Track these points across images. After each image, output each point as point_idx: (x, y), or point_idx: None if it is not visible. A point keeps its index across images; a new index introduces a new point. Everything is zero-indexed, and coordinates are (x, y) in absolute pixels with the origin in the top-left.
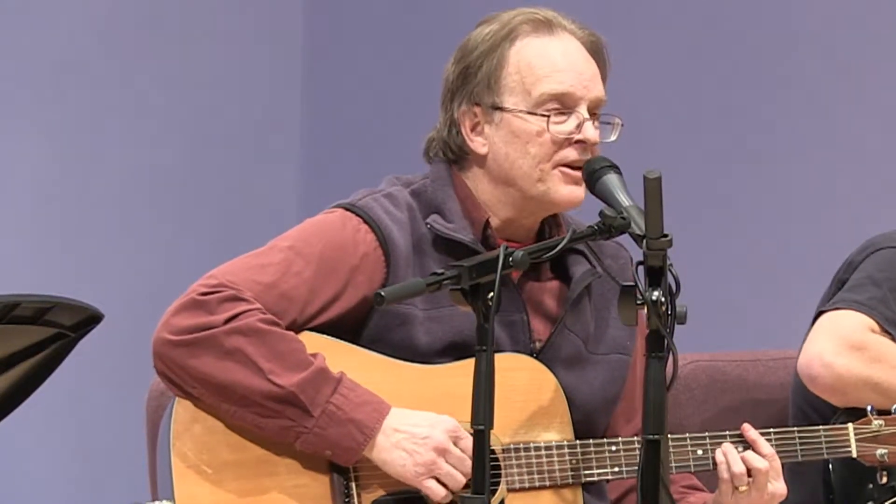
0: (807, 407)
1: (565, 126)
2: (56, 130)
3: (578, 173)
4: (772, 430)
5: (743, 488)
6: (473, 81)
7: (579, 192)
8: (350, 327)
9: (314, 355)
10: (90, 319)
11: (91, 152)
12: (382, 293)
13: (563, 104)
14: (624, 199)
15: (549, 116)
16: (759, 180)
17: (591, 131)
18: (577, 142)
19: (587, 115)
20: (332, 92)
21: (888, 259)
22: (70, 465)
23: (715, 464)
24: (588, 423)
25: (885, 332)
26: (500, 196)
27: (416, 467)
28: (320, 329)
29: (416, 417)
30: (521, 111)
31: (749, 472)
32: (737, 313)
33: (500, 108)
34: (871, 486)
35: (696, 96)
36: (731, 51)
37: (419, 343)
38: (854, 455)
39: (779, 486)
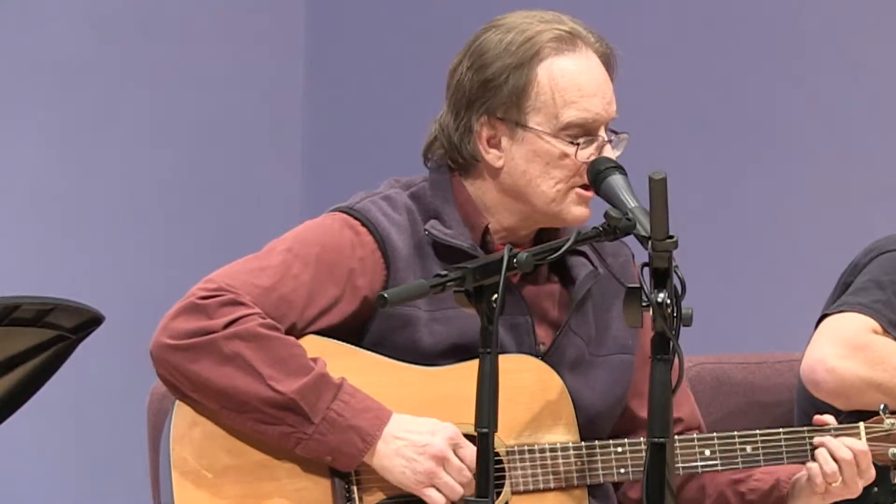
0: (811, 410)
1: (587, 151)
2: (56, 131)
3: (590, 194)
4: (781, 430)
5: (836, 485)
6: (498, 95)
7: (588, 211)
8: (352, 330)
9: (315, 360)
10: (91, 321)
11: (92, 153)
12: (385, 295)
13: (587, 130)
14: (629, 200)
15: (577, 145)
16: (765, 181)
17: (609, 154)
18: None
19: (607, 139)
20: (334, 93)
21: (893, 262)
22: (71, 468)
23: (723, 464)
24: (593, 427)
25: (888, 334)
26: (506, 205)
27: (416, 475)
28: (322, 332)
29: (416, 424)
30: (545, 133)
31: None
32: (742, 315)
33: (524, 127)
34: (875, 489)
35: (701, 97)
36: (736, 51)
37: (423, 345)
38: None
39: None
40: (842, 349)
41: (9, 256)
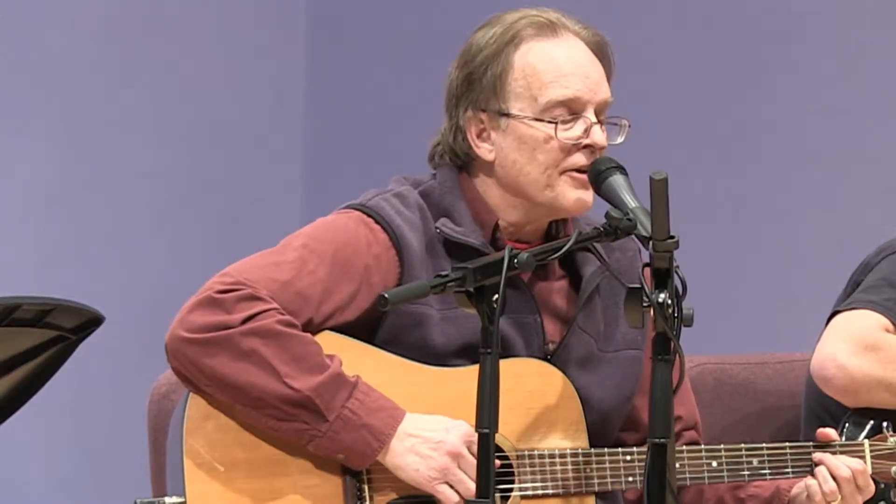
0: (818, 408)
1: (573, 132)
2: (58, 132)
3: (586, 177)
4: (787, 444)
5: (834, 502)
6: (479, 87)
7: (588, 196)
8: (365, 327)
9: (330, 357)
10: (91, 322)
11: (93, 153)
12: (386, 295)
13: (571, 109)
14: (630, 201)
15: (556, 123)
16: (767, 181)
17: (598, 135)
18: (585, 146)
19: (594, 119)
20: (335, 93)
21: None
22: (71, 469)
23: (730, 476)
24: (603, 424)
25: None
26: (508, 201)
27: (430, 472)
28: (336, 329)
29: (430, 422)
30: (527, 117)
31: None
32: (744, 316)
33: (507, 115)
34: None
35: (703, 96)
36: (738, 50)
37: (435, 344)
38: (869, 472)
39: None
40: (853, 346)
41: (9, 256)
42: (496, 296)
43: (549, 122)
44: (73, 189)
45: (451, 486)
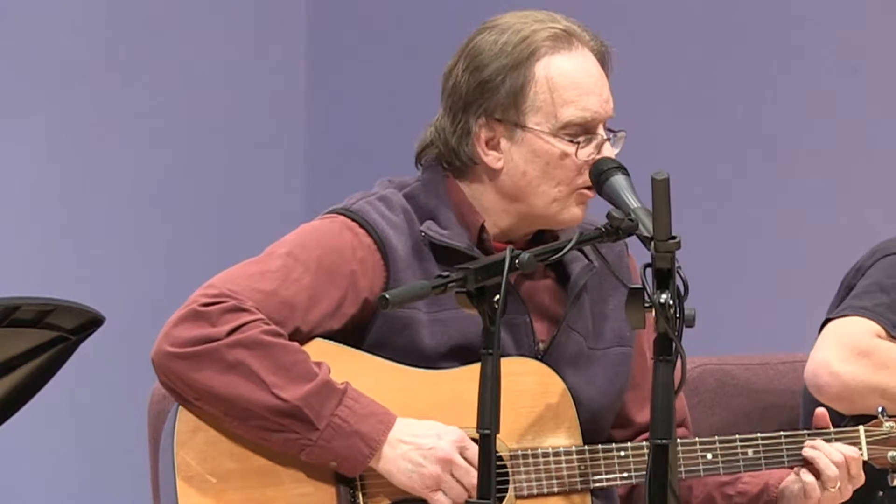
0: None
1: (587, 150)
2: (57, 132)
3: (592, 194)
4: (782, 433)
5: (833, 489)
6: (495, 96)
7: (582, 213)
8: (353, 333)
9: (318, 365)
10: (91, 322)
11: (93, 154)
12: (387, 296)
13: (586, 128)
14: (632, 201)
15: (578, 144)
16: (768, 181)
17: (608, 151)
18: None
19: (605, 136)
20: (336, 92)
21: None
22: (71, 469)
23: (725, 468)
24: (595, 422)
25: (892, 338)
26: (503, 207)
27: (423, 479)
28: (324, 335)
29: (421, 428)
30: (544, 132)
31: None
32: (745, 317)
33: (523, 127)
34: (881, 493)
35: (704, 97)
36: (738, 50)
37: (424, 346)
38: (865, 458)
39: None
40: (845, 353)
41: (9, 256)
42: (497, 296)
43: (570, 141)
44: (74, 189)
45: (446, 493)
